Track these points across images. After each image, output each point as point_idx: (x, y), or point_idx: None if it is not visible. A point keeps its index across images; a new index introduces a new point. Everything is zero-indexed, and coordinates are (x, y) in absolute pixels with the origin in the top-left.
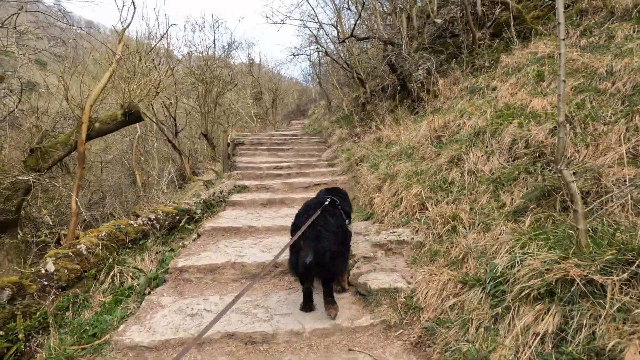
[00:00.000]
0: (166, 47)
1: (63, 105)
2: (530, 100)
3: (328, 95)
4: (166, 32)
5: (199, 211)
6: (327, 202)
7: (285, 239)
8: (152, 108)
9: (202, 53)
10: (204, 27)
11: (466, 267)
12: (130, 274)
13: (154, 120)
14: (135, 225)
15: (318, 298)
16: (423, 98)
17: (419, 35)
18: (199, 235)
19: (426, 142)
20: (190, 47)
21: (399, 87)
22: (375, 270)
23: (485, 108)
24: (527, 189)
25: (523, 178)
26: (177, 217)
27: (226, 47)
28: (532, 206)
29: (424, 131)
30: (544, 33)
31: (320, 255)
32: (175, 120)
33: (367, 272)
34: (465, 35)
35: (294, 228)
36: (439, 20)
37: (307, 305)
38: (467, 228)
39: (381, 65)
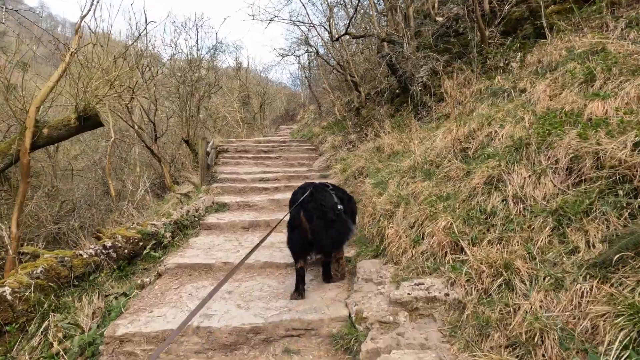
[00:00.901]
0: (146, 45)
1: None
2: (585, 104)
3: (318, 99)
4: (144, 29)
5: (168, 234)
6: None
7: (273, 282)
8: (129, 111)
9: (184, 53)
10: (186, 25)
11: (543, 355)
12: (62, 333)
13: (129, 123)
14: (84, 256)
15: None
16: (426, 102)
17: (417, 35)
18: (159, 275)
19: (448, 156)
20: (172, 46)
21: (397, 91)
22: (399, 347)
23: (521, 113)
24: (610, 228)
25: (601, 212)
26: (141, 243)
27: (211, 47)
28: (628, 255)
29: (443, 142)
30: (568, 29)
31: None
32: (154, 125)
33: (387, 350)
34: (472, 34)
35: (292, 203)
36: (440, 19)
37: (298, 290)
38: (528, 283)
39: (378, 66)
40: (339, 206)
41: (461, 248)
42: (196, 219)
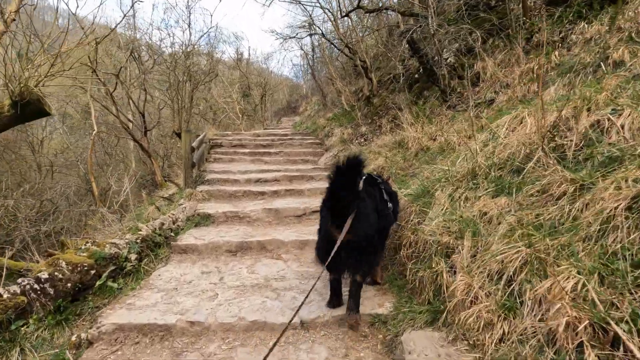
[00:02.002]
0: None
1: None
2: None
3: (322, 89)
4: (131, 8)
5: (133, 257)
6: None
7: None
8: (112, 100)
9: (176, 37)
10: (177, 5)
11: None
12: None
13: (114, 113)
14: (5, 297)
15: None
16: (455, 87)
17: (439, 12)
18: (89, 343)
19: (534, 156)
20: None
21: (417, 75)
22: None
23: None
24: None
25: None
26: (93, 271)
27: (206, 31)
28: None
29: (517, 136)
30: None
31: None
32: (143, 116)
33: None
34: (511, 4)
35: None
36: None
37: (334, 300)
38: None
39: (393, 49)
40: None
41: (614, 337)
42: (172, 234)
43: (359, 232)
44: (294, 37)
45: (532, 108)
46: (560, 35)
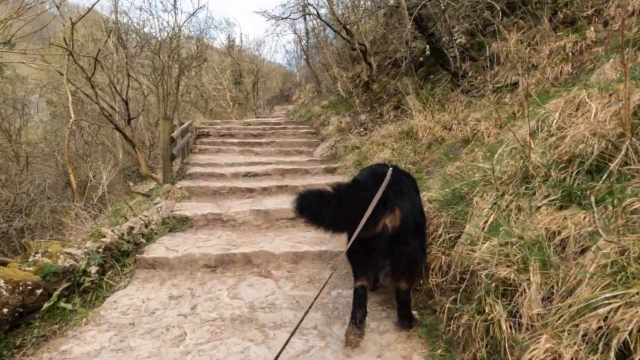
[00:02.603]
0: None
1: None
2: None
3: (317, 75)
4: None
5: (93, 270)
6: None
7: None
8: (91, 85)
9: (160, 20)
10: None
11: None
12: None
13: (92, 98)
14: None
15: None
16: (466, 70)
17: None
18: None
19: (620, 150)
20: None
21: (422, 59)
22: None
23: None
24: None
25: None
26: (41, 290)
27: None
28: None
29: (586, 125)
30: None
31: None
32: (127, 103)
33: None
34: None
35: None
36: None
37: (356, 326)
38: None
39: (394, 31)
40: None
41: None
42: (144, 239)
43: (403, 211)
44: (287, 17)
45: (590, 89)
46: (594, 9)
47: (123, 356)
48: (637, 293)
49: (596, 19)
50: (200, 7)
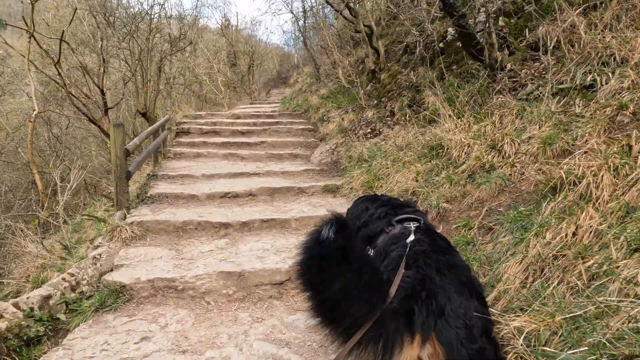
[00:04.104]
0: None
1: None
2: None
3: (315, 59)
4: None
5: None
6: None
7: None
8: (58, 70)
9: None
10: None
11: None
12: None
13: (59, 83)
14: None
15: None
16: (502, 62)
17: None
18: None
19: None
20: None
21: (441, 44)
22: None
23: None
24: None
25: None
26: None
27: None
28: None
29: None
30: None
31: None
32: (103, 92)
33: None
34: None
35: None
36: None
37: None
38: None
39: (407, 10)
40: None
41: None
42: (63, 314)
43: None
44: None
45: None
46: None
47: None
48: None
49: None
50: None
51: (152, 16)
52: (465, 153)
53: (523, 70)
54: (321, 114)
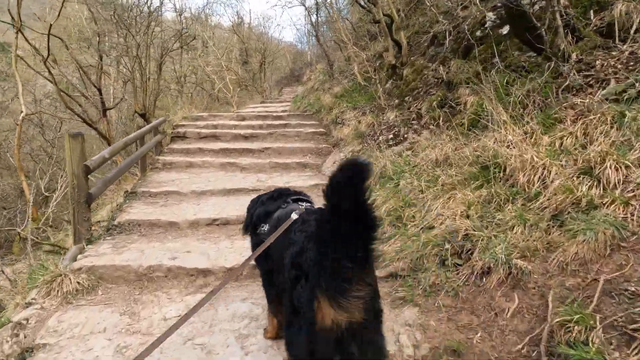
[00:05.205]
0: None
1: None
2: None
3: (328, 54)
4: None
5: None
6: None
7: None
8: (47, 67)
9: None
10: None
11: None
12: None
13: (49, 79)
14: None
15: None
16: (567, 51)
17: None
18: None
19: None
20: None
21: (479, 32)
22: None
23: None
24: None
25: None
26: None
27: None
28: None
29: None
30: None
31: None
32: (100, 91)
33: None
34: None
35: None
36: None
37: None
38: None
39: None
40: None
41: None
42: None
43: None
44: None
45: None
46: None
47: None
48: None
49: None
50: None
51: (149, 6)
52: (540, 178)
53: (598, 62)
54: (334, 115)
